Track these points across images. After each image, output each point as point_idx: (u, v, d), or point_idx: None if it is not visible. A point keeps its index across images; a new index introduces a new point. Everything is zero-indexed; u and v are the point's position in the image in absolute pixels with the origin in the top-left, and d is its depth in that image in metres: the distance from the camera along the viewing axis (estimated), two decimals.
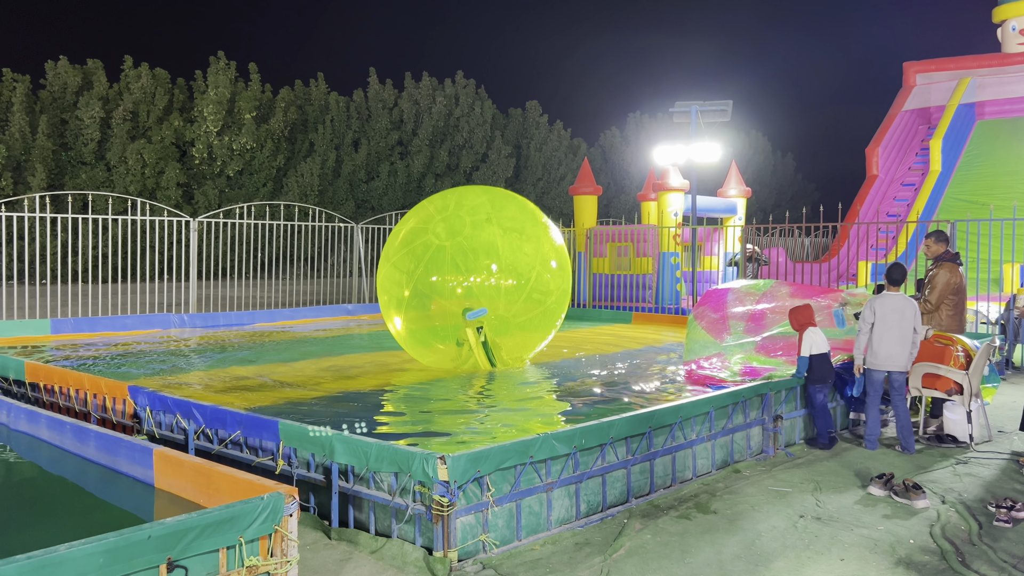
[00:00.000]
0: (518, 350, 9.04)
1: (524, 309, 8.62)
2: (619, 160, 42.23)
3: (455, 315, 8.41)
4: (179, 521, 3.15)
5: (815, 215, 35.35)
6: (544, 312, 8.78)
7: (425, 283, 8.43)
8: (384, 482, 4.62)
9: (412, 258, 8.48)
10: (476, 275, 8.39)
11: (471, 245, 8.41)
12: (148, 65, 28.69)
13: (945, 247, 8.25)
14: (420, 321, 8.63)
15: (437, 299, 8.46)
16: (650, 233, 17.26)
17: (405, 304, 8.52)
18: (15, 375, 8.04)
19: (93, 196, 24.31)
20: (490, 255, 8.44)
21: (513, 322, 8.65)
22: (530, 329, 8.85)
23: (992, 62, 24.95)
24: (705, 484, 5.82)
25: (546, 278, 8.66)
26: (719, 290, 8.72)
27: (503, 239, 8.51)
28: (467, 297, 8.39)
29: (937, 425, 7.44)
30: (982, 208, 19.25)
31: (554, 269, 8.73)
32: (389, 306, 8.71)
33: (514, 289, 8.49)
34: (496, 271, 8.43)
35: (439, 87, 35.98)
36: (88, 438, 5.14)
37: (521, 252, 8.61)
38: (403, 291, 8.48)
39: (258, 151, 29.74)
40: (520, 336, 8.88)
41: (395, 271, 8.62)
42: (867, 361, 6.99)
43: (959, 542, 4.74)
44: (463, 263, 8.36)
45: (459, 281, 8.38)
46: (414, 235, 8.63)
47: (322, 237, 19.76)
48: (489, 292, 8.42)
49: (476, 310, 8.29)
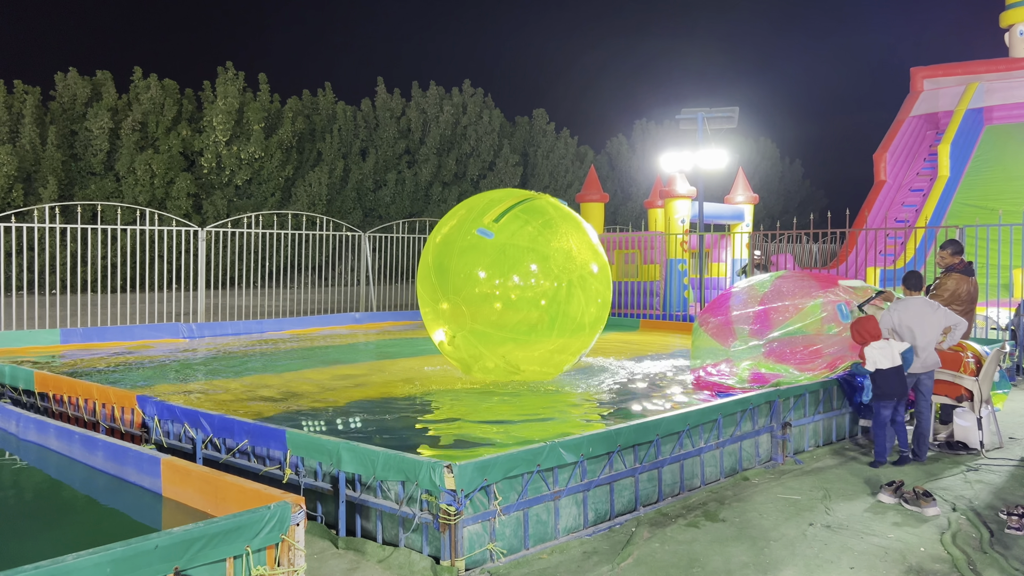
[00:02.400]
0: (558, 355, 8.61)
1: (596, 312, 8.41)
2: (626, 167, 42.25)
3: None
4: (186, 531, 3.16)
5: (823, 221, 35.27)
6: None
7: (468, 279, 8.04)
8: (391, 491, 4.61)
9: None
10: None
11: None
12: (157, 76, 28.87)
13: (960, 259, 8.22)
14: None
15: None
16: (657, 240, 17.24)
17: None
18: (24, 385, 8.08)
19: (102, 206, 24.45)
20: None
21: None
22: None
23: (1000, 67, 24.86)
24: (713, 492, 5.80)
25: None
26: (722, 295, 8.70)
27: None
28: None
29: (947, 432, 7.39)
30: (991, 213, 19.15)
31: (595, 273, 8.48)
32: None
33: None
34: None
35: (446, 96, 36.09)
36: (96, 447, 5.16)
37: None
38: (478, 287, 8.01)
39: (267, 161, 29.87)
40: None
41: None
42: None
43: (970, 550, 4.70)
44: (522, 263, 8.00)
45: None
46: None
47: (330, 246, 19.83)
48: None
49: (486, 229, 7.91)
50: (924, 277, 7.24)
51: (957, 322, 6.82)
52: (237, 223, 25.39)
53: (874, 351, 6.63)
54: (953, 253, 8.21)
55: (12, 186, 24.81)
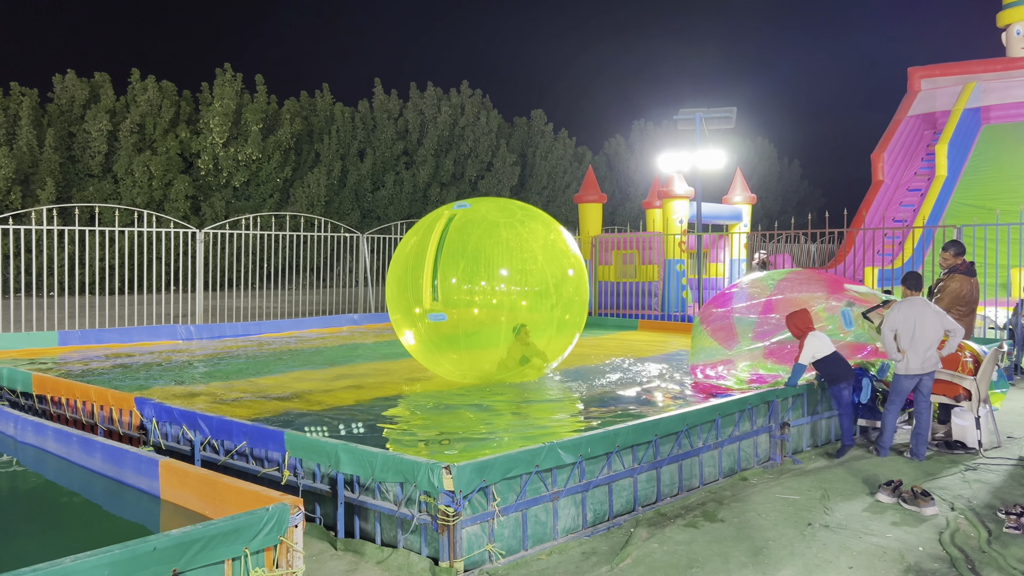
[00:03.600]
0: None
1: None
2: (624, 168, 42.28)
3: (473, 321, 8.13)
4: (184, 533, 3.16)
5: (821, 221, 35.31)
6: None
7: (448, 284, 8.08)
8: (390, 492, 4.61)
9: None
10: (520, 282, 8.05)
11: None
12: (155, 78, 28.87)
13: (962, 259, 8.22)
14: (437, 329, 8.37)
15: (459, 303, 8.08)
16: (655, 240, 17.25)
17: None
18: (23, 387, 8.07)
19: (100, 208, 24.43)
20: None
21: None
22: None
23: (997, 66, 24.88)
24: (712, 492, 5.80)
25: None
26: (723, 293, 8.69)
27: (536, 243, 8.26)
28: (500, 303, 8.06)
29: (946, 431, 7.39)
30: (989, 213, 19.17)
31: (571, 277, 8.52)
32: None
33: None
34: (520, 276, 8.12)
35: (444, 97, 36.10)
36: (94, 450, 5.16)
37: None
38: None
39: (264, 162, 29.86)
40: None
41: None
42: (898, 369, 6.81)
43: (969, 549, 4.70)
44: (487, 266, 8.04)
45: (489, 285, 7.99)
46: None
47: (328, 247, 19.81)
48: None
49: (437, 313, 8.01)
50: (923, 278, 7.24)
51: (954, 328, 6.84)
52: (235, 224, 25.38)
53: (812, 340, 6.93)
54: (956, 254, 8.22)
55: (10, 188, 24.79)
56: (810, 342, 6.95)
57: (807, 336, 7.00)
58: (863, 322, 7.80)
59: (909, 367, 6.75)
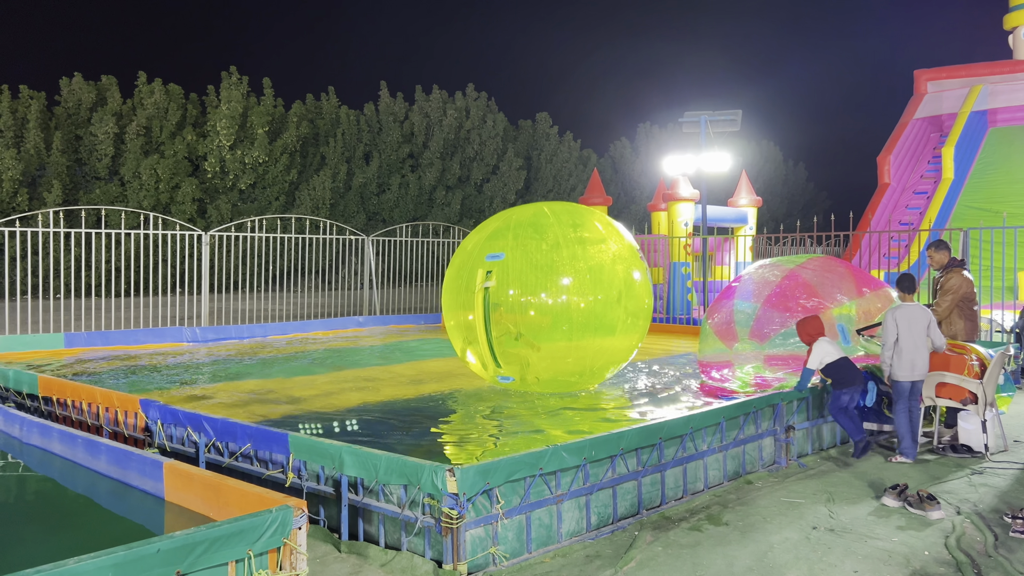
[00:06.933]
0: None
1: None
2: (629, 171, 42.26)
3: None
4: (188, 535, 3.16)
5: (827, 224, 35.24)
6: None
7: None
8: (394, 495, 4.61)
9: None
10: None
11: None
12: (161, 81, 28.98)
13: (948, 254, 8.22)
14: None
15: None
16: (660, 243, 17.23)
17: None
18: (29, 389, 8.09)
19: (107, 211, 24.51)
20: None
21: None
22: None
23: (1004, 69, 24.80)
24: (716, 495, 5.78)
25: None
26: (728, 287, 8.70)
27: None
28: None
29: (951, 435, 7.37)
30: (995, 216, 19.09)
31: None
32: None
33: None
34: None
35: (449, 100, 36.14)
36: (99, 451, 5.17)
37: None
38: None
39: (271, 165, 29.93)
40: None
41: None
42: (893, 372, 6.87)
43: (975, 553, 4.68)
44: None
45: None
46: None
47: (333, 250, 19.86)
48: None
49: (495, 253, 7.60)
50: (917, 280, 7.26)
51: (941, 345, 6.98)
52: (241, 227, 25.44)
53: (822, 345, 6.93)
54: (939, 250, 8.24)
55: (17, 191, 24.90)
56: (819, 347, 6.96)
57: (816, 341, 7.01)
58: (859, 340, 7.83)
59: (901, 372, 6.82)
